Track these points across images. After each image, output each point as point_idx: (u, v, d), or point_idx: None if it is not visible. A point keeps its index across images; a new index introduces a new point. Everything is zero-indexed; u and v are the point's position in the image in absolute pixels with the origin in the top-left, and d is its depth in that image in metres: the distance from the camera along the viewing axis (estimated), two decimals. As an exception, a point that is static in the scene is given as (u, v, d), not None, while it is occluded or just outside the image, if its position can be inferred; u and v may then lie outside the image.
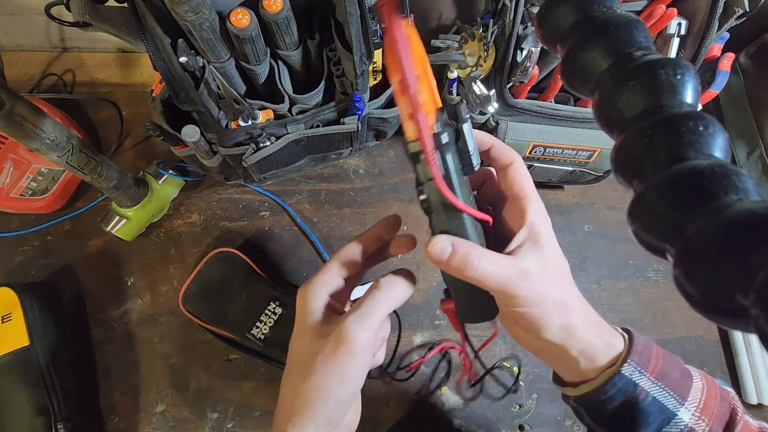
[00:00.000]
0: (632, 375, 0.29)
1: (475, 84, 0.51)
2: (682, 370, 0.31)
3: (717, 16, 0.47)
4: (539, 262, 0.29)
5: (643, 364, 0.30)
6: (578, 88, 0.27)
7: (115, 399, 0.56)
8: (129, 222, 0.58)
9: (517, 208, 0.31)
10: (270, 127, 0.51)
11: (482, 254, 0.27)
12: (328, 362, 0.28)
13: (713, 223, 0.18)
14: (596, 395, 0.30)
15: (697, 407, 0.30)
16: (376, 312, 0.29)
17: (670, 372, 0.30)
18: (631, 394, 0.29)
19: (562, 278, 0.31)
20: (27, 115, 0.41)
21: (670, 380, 0.30)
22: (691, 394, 0.30)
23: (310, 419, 0.28)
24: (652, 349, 0.31)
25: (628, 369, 0.29)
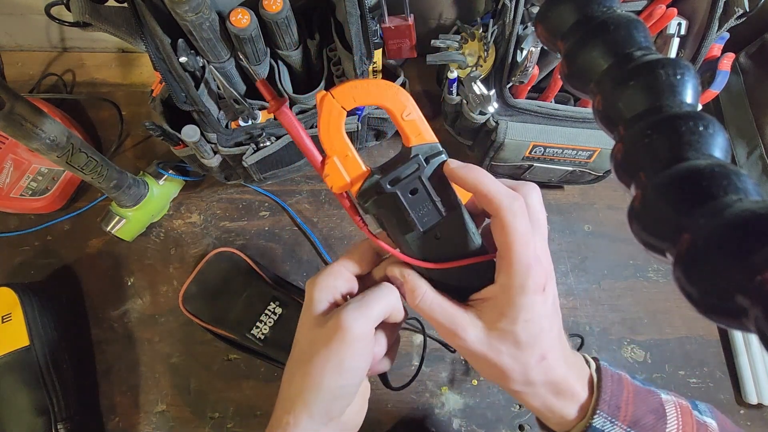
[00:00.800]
0: (604, 426, 0.29)
1: (475, 84, 0.51)
2: (655, 409, 0.30)
3: (717, 16, 0.47)
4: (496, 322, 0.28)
5: (614, 413, 0.29)
6: (578, 88, 0.27)
7: (115, 399, 0.56)
8: (129, 222, 0.58)
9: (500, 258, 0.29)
10: (270, 127, 0.51)
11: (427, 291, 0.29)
12: (322, 350, 0.28)
13: (713, 223, 0.18)
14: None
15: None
16: (376, 304, 0.29)
17: (643, 417, 0.30)
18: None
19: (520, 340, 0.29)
20: (27, 115, 0.41)
21: (644, 426, 0.29)
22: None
23: (304, 408, 0.28)
24: (623, 391, 0.30)
25: (598, 421, 0.29)
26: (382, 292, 0.30)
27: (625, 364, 0.61)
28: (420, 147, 0.29)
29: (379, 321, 0.30)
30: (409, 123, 0.29)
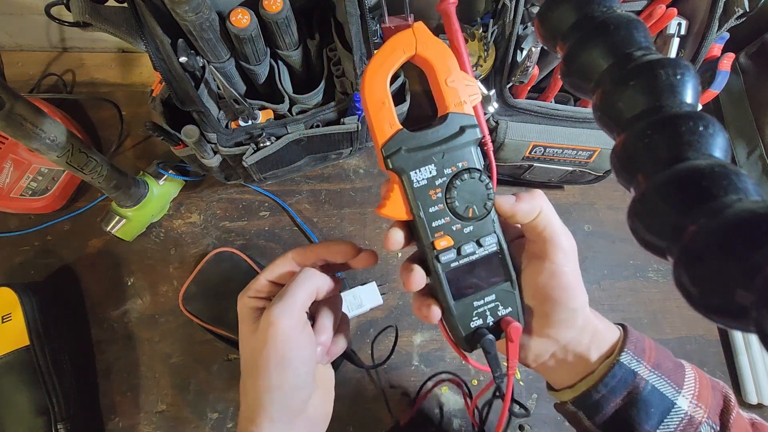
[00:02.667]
0: (630, 363, 0.29)
1: (475, 84, 0.51)
2: (674, 360, 0.31)
3: (717, 16, 0.47)
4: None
5: (640, 353, 0.30)
6: (578, 88, 0.27)
7: (115, 399, 0.56)
8: (129, 222, 0.58)
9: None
10: (270, 127, 0.51)
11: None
12: (261, 353, 0.28)
13: (713, 223, 0.18)
14: (597, 388, 0.29)
15: (693, 395, 0.29)
16: (297, 291, 0.29)
17: (664, 361, 0.30)
18: (631, 383, 0.29)
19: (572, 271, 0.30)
20: (27, 115, 0.41)
21: (666, 369, 0.30)
22: (686, 383, 0.30)
23: (263, 413, 0.28)
24: (645, 339, 0.31)
25: (626, 357, 0.29)
26: (300, 278, 0.30)
27: (625, 364, 0.61)
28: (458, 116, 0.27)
29: (305, 305, 0.30)
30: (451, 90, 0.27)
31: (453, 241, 0.27)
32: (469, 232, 0.27)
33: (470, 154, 0.27)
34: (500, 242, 0.28)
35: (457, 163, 0.27)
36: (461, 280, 0.28)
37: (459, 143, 0.27)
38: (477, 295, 0.28)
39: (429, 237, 0.27)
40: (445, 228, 0.27)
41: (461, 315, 0.28)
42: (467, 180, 0.27)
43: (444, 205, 0.27)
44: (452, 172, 0.27)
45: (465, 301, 0.28)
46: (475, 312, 0.28)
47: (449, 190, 0.27)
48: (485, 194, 0.27)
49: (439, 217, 0.27)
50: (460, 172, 0.27)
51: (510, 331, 0.28)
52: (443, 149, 0.26)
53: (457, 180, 0.26)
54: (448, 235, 0.27)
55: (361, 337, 0.60)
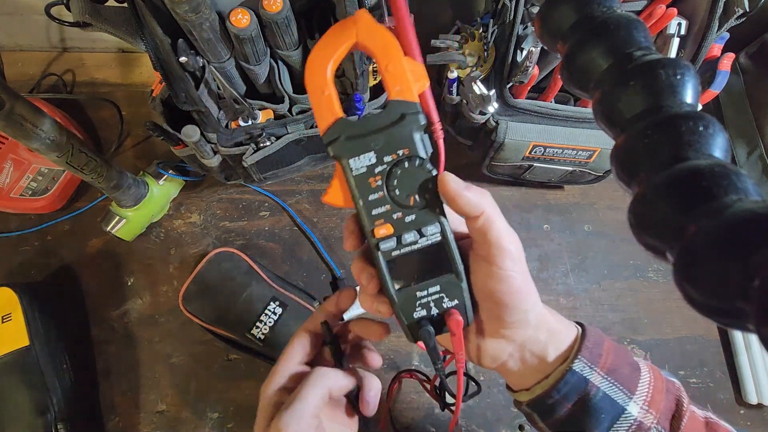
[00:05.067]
0: (583, 371, 0.29)
1: (475, 84, 0.51)
2: (631, 363, 0.31)
3: (717, 16, 0.47)
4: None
5: (594, 359, 0.30)
6: (578, 88, 0.27)
7: (115, 399, 0.56)
8: (129, 222, 0.58)
9: None
10: (270, 127, 0.51)
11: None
12: None
13: (713, 224, 0.18)
14: (550, 394, 0.30)
15: (645, 400, 0.30)
16: (307, 397, 0.28)
17: (620, 366, 0.30)
18: (583, 390, 0.29)
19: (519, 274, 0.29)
20: (27, 115, 0.41)
21: (620, 374, 0.30)
22: (639, 388, 0.30)
23: None
24: (603, 343, 0.31)
25: (578, 365, 0.29)
26: (310, 381, 0.29)
27: (625, 364, 0.61)
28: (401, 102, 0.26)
29: (317, 411, 0.29)
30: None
31: (393, 230, 0.27)
32: (411, 221, 0.27)
33: (412, 141, 0.26)
34: (444, 232, 0.27)
35: (397, 150, 0.26)
36: (403, 270, 0.27)
37: (399, 130, 0.26)
38: (420, 285, 0.28)
39: (369, 225, 0.27)
40: (386, 216, 0.27)
41: (403, 305, 0.28)
42: (408, 168, 0.26)
43: (384, 193, 0.26)
44: (392, 159, 0.26)
45: (408, 291, 0.28)
46: (419, 303, 0.28)
47: (389, 178, 0.26)
48: (428, 182, 0.26)
49: (379, 205, 0.26)
50: (401, 160, 0.26)
51: (451, 323, 0.28)
52: (383, 136, 0.26)
53: (397, 168, 0.26)
54: (389, 223, 0.27)
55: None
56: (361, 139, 0.26)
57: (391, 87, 0.26)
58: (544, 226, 0.67)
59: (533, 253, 0.65)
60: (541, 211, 0.67)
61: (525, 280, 0.28)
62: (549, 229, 0.67)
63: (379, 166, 0.26)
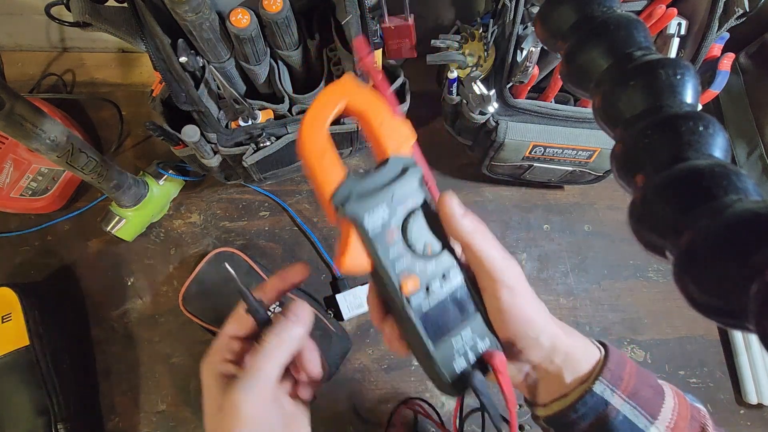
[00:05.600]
0: (603, 393, 0.29)
1: (475, 84, 0.51)
2: (654, 386, 0.30)
3: (717, 16, 0.47)
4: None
5: (616, 382, 0.29)
6: (578, 88, 0.27)
7: (115, 399, 0.56)
8: (129, 222, 0.58)
9: None
10: (270, 127, 0.51)
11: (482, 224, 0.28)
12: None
13: (713, 223, 0.18)
14: (567, 413, 0.29)
15: (667, 426, 0.29)
16: (264, 365, 0.27)
17: (642, 389, 0.30)
18: (602, 412, 0.28)
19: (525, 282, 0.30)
20: (27, 115, 0.41)
21: (642, 398, 0.29)
22: (662, 413, 0.29)
23: None
24: (626, 365, 0.30)
25: (599, 387, 0.29)
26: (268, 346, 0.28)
27: (625, 364, 0.61)
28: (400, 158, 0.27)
29: (277, 377, 0.28)
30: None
31: (420, 281, 0.26)
32: (433, 270, 0.26)
33: (418, 192, 0.26)
34: (462, 272, 0.27)
35: (406, 202, 0.26)
36: (436, 321, 0.26)
37: (405, 183, 0.26)
38: (453, 332, 0.26)
39: (396, 281, 0.25)
40: (410, 269, 0.26)
41: (443, 359, 0.26)
42: (418, 218, 0.26)
43: (403, 245, 0.26)
44: (404, 211, 0.26)
45: (444, 343, 0.26)
46: (456, 352, 0.26)
47: (405, 230, 0.26)
48: (439, 227, 0.27)
49: (401, 259, 0.25)
50: (413, 211, 0.26)
51: (496, 363, 0.26)
52: (392, 190, 0.26)
53: (410, 219, 0.26)
54: (414, 274, 0.26)
55: (361, 337, 0.60)
56: (373, 195, 0.25)
57: (388, 144, 0.26)
58: (544, 226, 0.67)
59: (533, 253, 0.65)
60: (541, 211, 0.67)
61: (528, 308, 0.27)
62: (549, 229, 0.67)
63: (394, 220, 0.26)
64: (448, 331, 0.26)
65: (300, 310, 0.29)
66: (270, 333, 0.28)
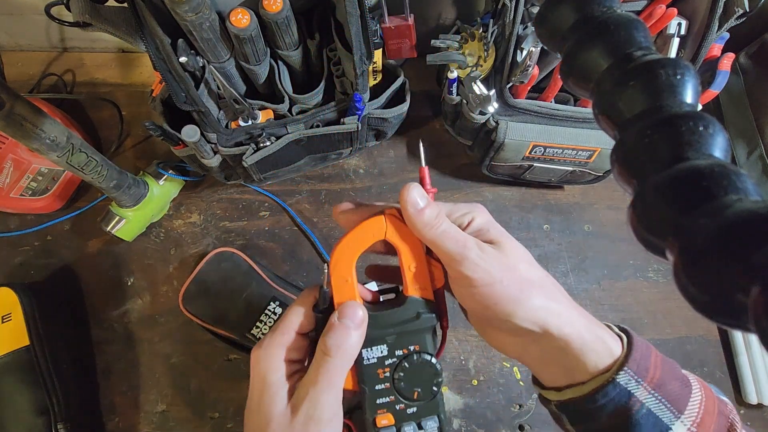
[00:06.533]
0: (628, 384, 0.27)
1: (475, 84, 0.51)
2: (680, 379, 0.29)
3: (717, 16, 0.47)
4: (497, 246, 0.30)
5: (642, 373, 0.27)
6: (578, 88, 0.27)
7: (115, 399, 0.56)
8: (129, 222, 0.58)
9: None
10: (270, 127, 0.51)
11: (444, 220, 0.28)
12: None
13: (713, 223, 0.18)
14: (584, 402, 0.28)
15: (693, 422, 0.27)
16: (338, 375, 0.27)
17: (669, 382, 0.28)
18: (624, 404, 0.27)
19: (524, 259, 0.30)
20: (27, 115, 0.41)
21: (668, 391, 0.28)
22: (689, 407, 0.28)
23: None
24: (651, 355, 0.29)
25: (624, 378, 0.27)
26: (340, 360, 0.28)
27: (625, 364, 0.61)
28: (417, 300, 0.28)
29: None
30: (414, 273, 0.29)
31: (394, 420, 0.27)
32: (412, 413, 0.28)
33: (423, 339, 0.28)
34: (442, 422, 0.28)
35: (409, 346, 0.28)
36: None
37: (413, 328, 0.27)
38: None
39: (372, 413, 0.27)
40: (389, 406, 0.27)
41: None
42: (416, 363, 0.27)
43: (390, 385, 0.27)
44: (403, 354, 0.27)
45: None
46: None
47: (397, 371, 0.27)
48: (433, 378, 0.28)
49: (384, 395, 0.27)
50: (411, 355, 0.27)
51: None
52: (397, 331, 0.27)
53: (406, 362, 0.27)
54: (391, 413, 0.27)
55: (361, 337, 0.60)
56: (377, 331, 0.27)
57: (411, 285, 0.28)
58: (544, 226, 0.67)
59: (533, 253, 0.64)
60: (541, 211, 0.67)
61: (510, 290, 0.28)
62: (549, 229, 0.67)
63: (390, 359, 0.27)
64: None
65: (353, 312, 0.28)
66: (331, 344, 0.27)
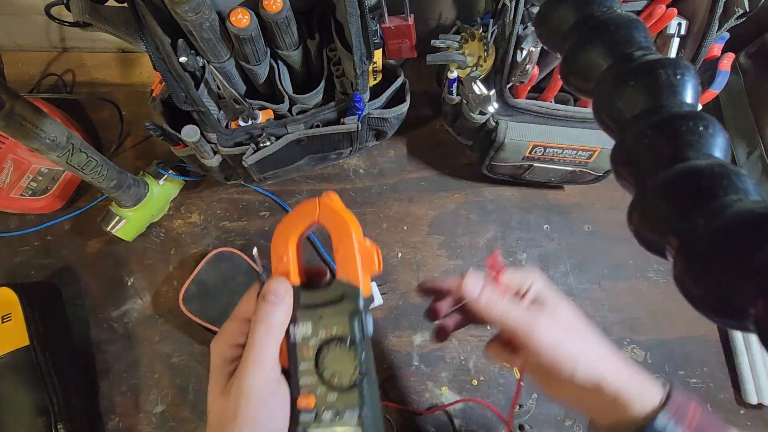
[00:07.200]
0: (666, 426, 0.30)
1: (475, 84, 0.51)
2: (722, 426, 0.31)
3: (717, 16, 0.47)
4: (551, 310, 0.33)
5: (680, 417, 0.30)
6: (578, 88, 0.27)
7: (115, 399, 0.56)
8: (129, 222, 0.58)
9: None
10: (270, 127, 0.51)
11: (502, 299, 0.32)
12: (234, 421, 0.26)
13: (713, 223, 0.18)
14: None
15: None
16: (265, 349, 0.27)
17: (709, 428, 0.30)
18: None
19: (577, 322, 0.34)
20: (27, 115, 0.41)
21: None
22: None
23: None
24: (691, 402, 0.32)
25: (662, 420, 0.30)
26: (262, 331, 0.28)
27: (625, 364, 0.61)
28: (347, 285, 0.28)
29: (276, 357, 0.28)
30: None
31: (314, 403, 0.27)
32: (332, 401, 0.27)
33: (346, 322, 0.27)
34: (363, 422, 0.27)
35: (332, 327, 0.27)
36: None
37: (337, 310, 0.27)
38: None
39: (295, 392, 0.27)
40: (311, 388, 0.27)
41: None
42: (337, 348, 0.27)
43: (312, 366, 0.27)
44: (326, 336, 0.27)
45: None
46: None
47: (320, 352, 0.27)
48: (353, 367, 0.27)
49: (307, 376, 0.27)
50: (333, 339, 0.27)
51: None
52: (322, 313, 0.27)
53: (328, 345, 0.27)
54: (313, 395, 0.27)
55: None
56: (306, 309, 0.27)
57: (339, 267, 0.29)
58: (544, 226, 0.67)
59: (533, 253, 0.65)
60: (541, 211, 0.67)
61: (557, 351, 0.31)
62: (549, 229, 0.67)
63: (313, 339, 0.27)
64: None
65: (275, 287, 0.29)
66: (256, 321, 0.28)
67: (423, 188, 0.67)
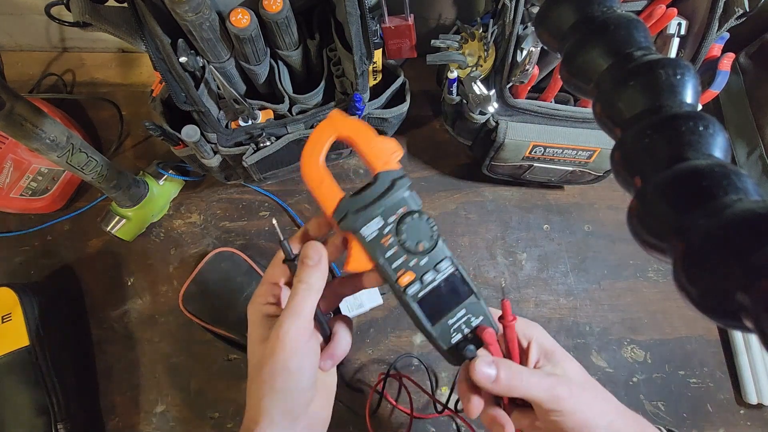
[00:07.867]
0: None
1: (475, 84, 0.51)
2: None
3: (717, 16, 0.47)
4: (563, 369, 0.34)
5: None
6: (578, 88, 0.27)
7: (115, 399, 0.56)
8: (129, 222, 0.58)
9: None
10: (270, 127, 0.51)
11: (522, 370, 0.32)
12: (269, 360, 0.30)
13: (713, 223, 0.18)
14: None
15: None
16: (305, 306, 0.31)
17: None
18: None
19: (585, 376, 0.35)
20: (27, 115, 0.41)
21: None
22: None
23: (265, 415, 0.30)
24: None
25: None
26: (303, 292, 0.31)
27: (625, 364, 0.61)
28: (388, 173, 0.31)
29: (312, 316, 0.31)
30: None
31: (414, 275, 0.31)
32: (426, 263, 0.31)
33: (406, 200, 0.30)
34: (455, 263, 0.31)
35: (397, 210, 0.30)
36: (432, 305, 0.31)
37: (394, 194, 0.30)
38: (449, 314, 0.31)
39: (393, 276, 0.30)
40: (405, 265, 0.30)
41: (440, 335, 0.31)
42: (410, 222, 0.30)
43: (398, 247, 0.30)
44: (396, 218, 0.30)
45: (441, 321, 0.31)
46: (452, 329, 0.31)
47: (398, 234, 0.30)
48: (429, 227, 0.31)
49: (397, 258, 0.30)
50: (403, 217, 0.30)
51: (485, 336, 0.31)
52: (383, 203, 0.30)
53: (401, 224, 0.30)
54: (410, 270, 0.31)
55: (360, 337, 0.60)
56: (366, 209, 0.30)
57: (376, 162, 0.30)
58: (544, 226, 0.67)
59: (533, 253, 0.65)
60: (541, 211, 0.67)
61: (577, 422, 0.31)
62: (549, 229, 0.67)
63: (387, 227, 0.30)
64: (445, 312, 0.31)
65: (314, 252, 0.32)
66: (298, 281, 0.31)
67: (423, 188, 0.67)
